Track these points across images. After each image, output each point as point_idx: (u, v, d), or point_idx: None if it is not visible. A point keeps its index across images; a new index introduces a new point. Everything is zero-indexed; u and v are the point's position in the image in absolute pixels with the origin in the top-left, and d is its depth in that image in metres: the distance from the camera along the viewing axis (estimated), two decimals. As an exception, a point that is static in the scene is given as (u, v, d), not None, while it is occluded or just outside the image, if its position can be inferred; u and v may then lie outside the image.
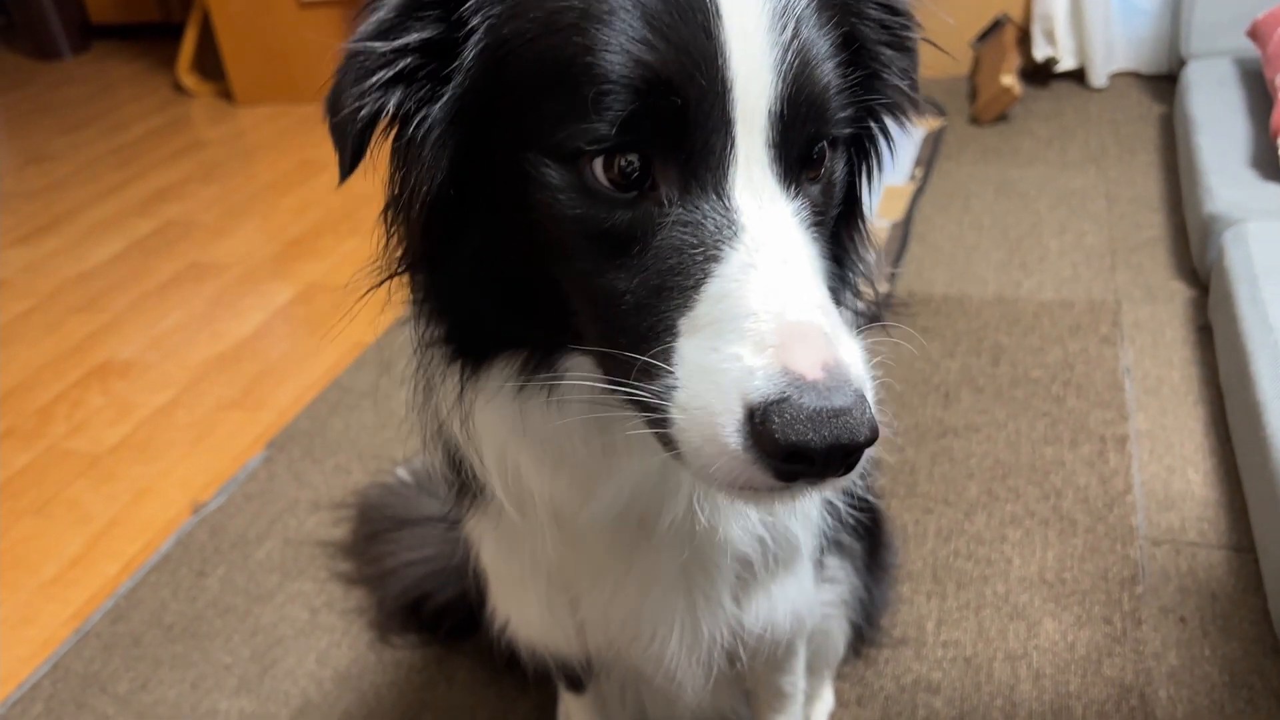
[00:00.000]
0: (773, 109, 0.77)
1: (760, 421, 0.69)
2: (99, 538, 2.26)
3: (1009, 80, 3.74)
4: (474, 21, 0.81)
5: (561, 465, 0.98)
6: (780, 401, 0.69)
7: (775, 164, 0.78)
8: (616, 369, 0.80)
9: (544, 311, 0.86)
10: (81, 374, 2.89)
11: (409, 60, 0.82)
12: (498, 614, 1.31)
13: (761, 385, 0.70)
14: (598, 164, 0.77)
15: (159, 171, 4.31)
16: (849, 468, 0.73)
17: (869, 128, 0.95)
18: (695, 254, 0.75)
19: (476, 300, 0.89)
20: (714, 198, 0.76)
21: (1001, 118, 3.84)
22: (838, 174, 0.88)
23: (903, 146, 1.00)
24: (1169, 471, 2.10)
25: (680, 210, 0.77)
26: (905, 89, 0.96)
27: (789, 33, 0.77)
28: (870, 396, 0.73)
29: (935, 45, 1.03)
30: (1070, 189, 3.30)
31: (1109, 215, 3.12)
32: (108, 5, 6.19)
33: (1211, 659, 1.70)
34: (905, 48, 0.96)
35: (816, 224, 0.83)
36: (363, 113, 0.82)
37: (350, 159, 0.86)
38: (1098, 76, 4.00)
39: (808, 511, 1.16)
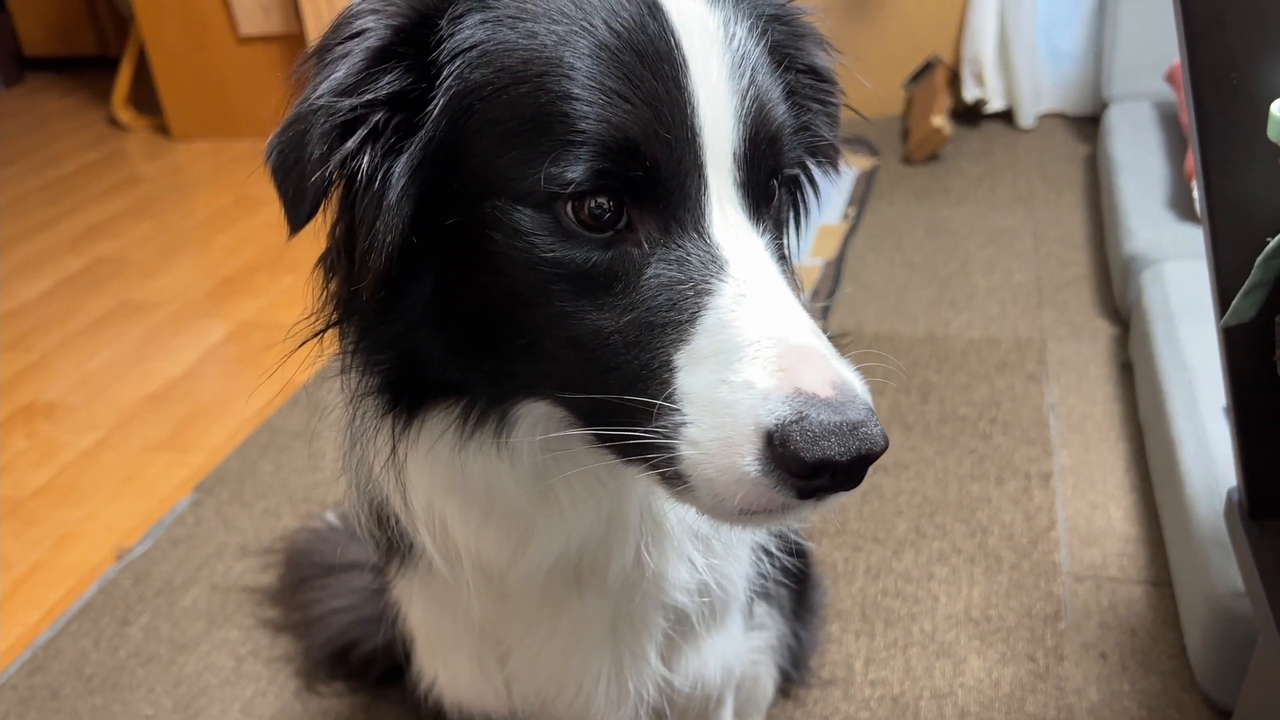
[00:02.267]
0: (737, 150, 0.82)
1: (780, 443, 0.72)
2: (18, 585, 2.21)
3: (939, 121, 3.82)
4: (445, 70, 0.82)
5: (489, 518, 0.97)
6: (799, 421, 0.72)
7: (744, 200, 0.83)
8: (600, 413, 0.81)
9: (498, 358, 0.87)
10: (5, 415, 2.84)
11: (378, 115, 0.82)
12: (424, 673, 1.31)
13: (777, 409, 0.73)
14: (568, 207, 0.79)
15: (92, 207, 4.25)
16: (861, 479, 0.76)
17: (797, 174, 1.00)
18: (685, 289, 0.78)
19: (420, 348, 0.89)
20: (695, 235, 0.80)
21: (933, 157, 3.92)
22: (784, 211, 0.94)
23: (836, 186, 1.05)
24: (1091, 507, 2.14)
25: (663, 249, 0.80)
26: (830, 140, 1.01)
27: (746, 80, 0.82)
28: (871, 402, 0.76)
29: (857, 112, 1.08)
30: (999, 228, 3.37)
31: (1036, 254, 3.19)
32: (41, 37, 6.11)
33: (1131, 694, 1.74)
34: (829, 107, 1.01)
35: (779, 256, 0.87)
36: (328, 171, 0.81)
37: (307, 214, 0.85)
38: (1025, 117, 4.10)
39: (739, 556, 1.17)
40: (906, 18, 4.23)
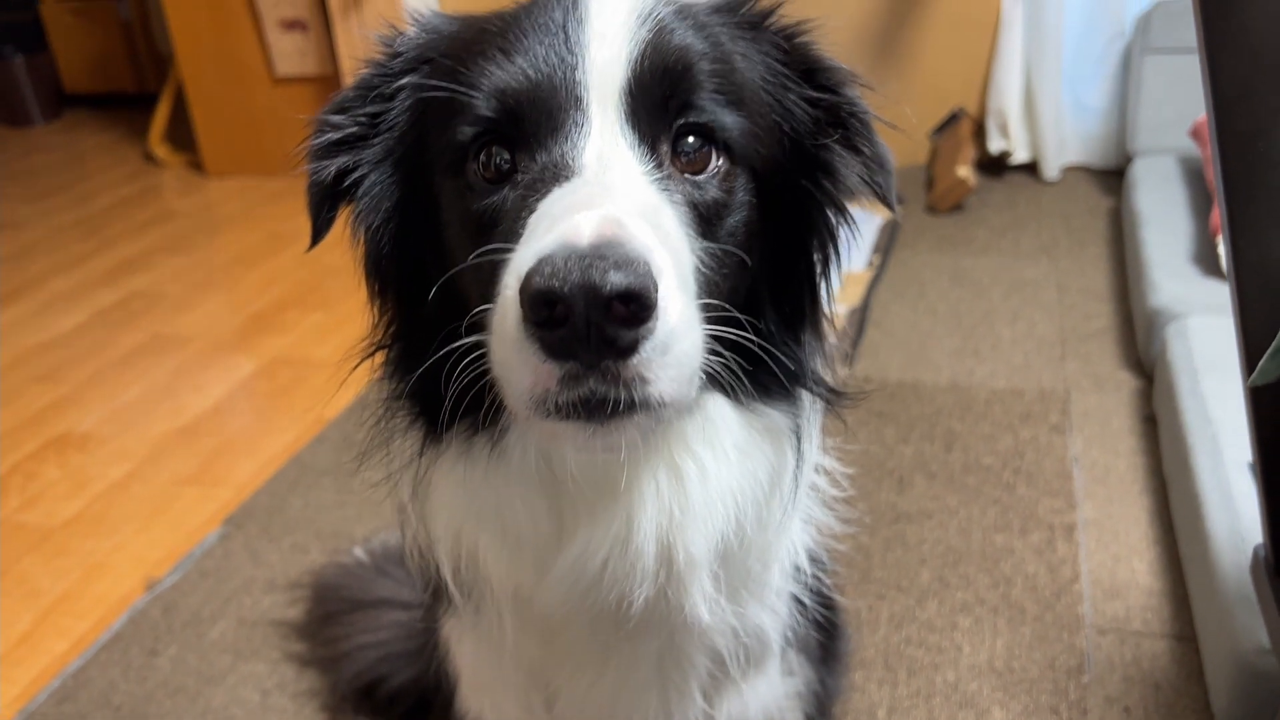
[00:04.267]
0: (625, 88, 0.86)
1: (523, 288, 0.71)
2: (48, 614, 2.24)
3: (964, 172, 3.85)
4: (400, 82, 0.96)
5: (509, 543, 0.99)
6: (542, 261, 0.70)
7: (629, 133, 0.86)
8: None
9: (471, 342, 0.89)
10: (38, 445, 2.88)
11: (354, 129, 0.96)
12: (469, 712, 1.31)
13: (530, 257, 0.72)
14: (477, 165, 0.88)
15: (126, 242, 4.33)
16: (620, 344, 0.71)
17: (823, 210, 1.01)
18: (531, 199, 0.83)
19: (436, 346, 0.92)
20: (559, 159, 0.84)
21: (957, 207, 3.95)
22: (738, 191, 0.92)
23: (861, 234, 1.06)
24: (1115, 560, 2.14)
25: (528, 176, 0.85)
26: (860, 170, 1.02)
27: (646, 30, 0.88)
28: (656, 270, 0.72)
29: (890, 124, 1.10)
30: (1023, 279, 3.39)
31: (1060, 305, 3.20)
32: (82, 74, 6.25)
33: (1155, 750, 1.73)
34: (856, 148, 1.02)
35: (701, 220, 0.88)
36: (318, 175, 0.95)
37: (314, 220, 0.98)
38: (1050, 169, 4.13)
39: (775, 606, 1.18)
40: (932, 69, 4.28)
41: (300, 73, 4.68)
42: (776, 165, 0.95)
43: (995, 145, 4.17)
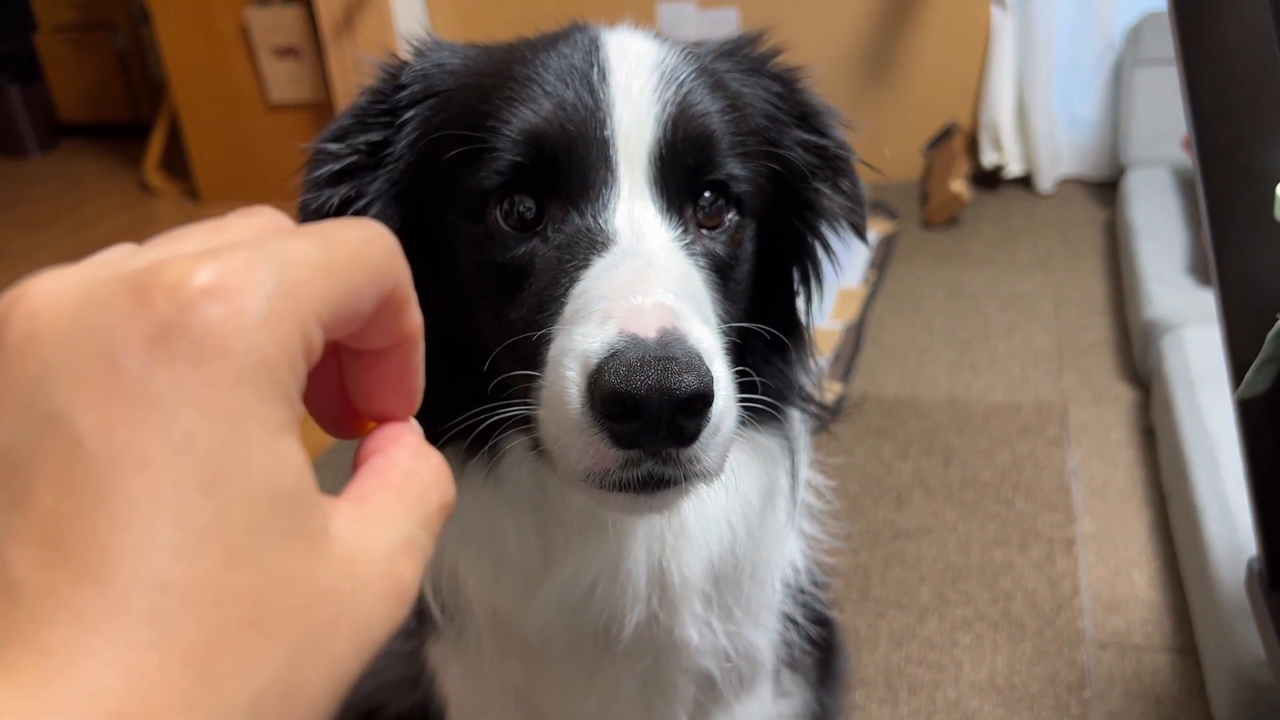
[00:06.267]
0: (653, 151, 0.87)
1: (594, 380, 0.73)
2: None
3: (958, 186, 3.86)
4: (407, 114, 0.94)
5: (495, 564, 0.98)
6: (613, 356, 0.72)
7: (657, 197, 0.87)
8: (511, 398, 0.85)
9: (472, 376, 0.90)
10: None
11: (355, 158, 0.95)
12: None
13: (598, 348, 0.74)
14: (498, 212, 0.87)
15: (122, 270, 4.33)
16: (685, 434, 0.74)
17: (806, 240, 1.03)
18: (569, 266, 0.83)
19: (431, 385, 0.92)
20: (592, 222, 0.85)
21: (952, 222, 3.96)
22: (746, 241, 0.94)
23: (853, 252, 1.08)
24: (1114, 574, 2.13)
25: (560, 236, 0.85)
26: (842, 206, 1.04)
27: (671, 93, 0.89)
28: (711, 363, 0.75)
29: (874, 168, 1.13)
30: (1019, 292, 3.39)
31: (1056, 318, 3.20)
32: (77, 104, 6.27)
33: (1158, 765, 1.72)
34: (838, 176, 1.04)
35: (717, 274, 0.90)
36: (315, 205, 0.93)
37: None
38: (1044, 182, 4.13)
39: (768, 625, 1.17)
40: (925, 84, 4.29)
41: (294, 99, 4.69)
42: (772, 207, 0.97)
43: (989, 159, 4.17)
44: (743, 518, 1.01)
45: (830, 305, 3.35)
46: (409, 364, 0.48)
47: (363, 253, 0.42)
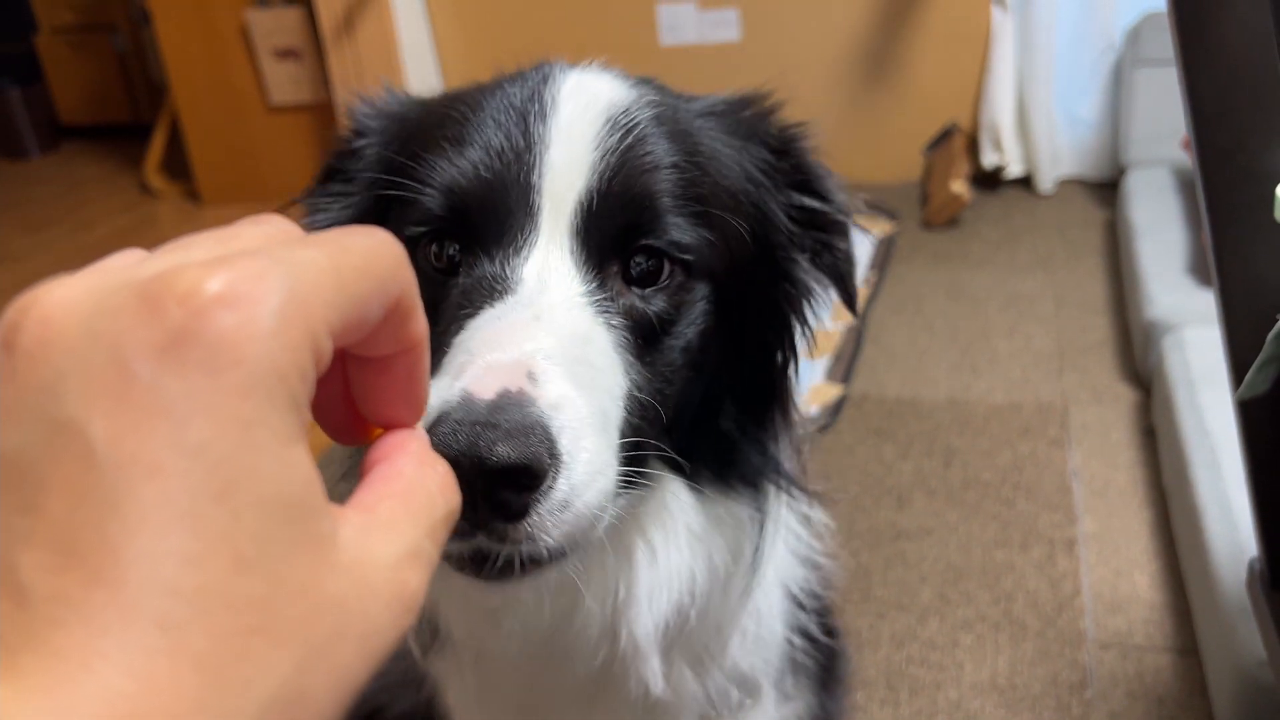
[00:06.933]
0: (581, 201, 0.82)
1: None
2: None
3: (959, 186, 3.86)
4: (363, 146, 0.95)
5: (468, 594, 0.94)
6: (440, 419, 0.66)
7: (580, 248, 0.82)
8: None
9: None
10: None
11: (345, 210, 0.96)
12: None
13: (437, 406, 0.68)
14: (430, 252, 0.85)
15: (123, 272, 4.33)
16: (509, 509, 0.67)
17: (782, 311, 0.98)
18: (462, 313, 0.79)
19: None
20: (499, 269, 0.80)
21: (952, 222, 3.96)
22: (694, 303, 0.88)
23: (858, 249, 1.04)
24: (1116, 575, 2.13)
25: (467, 280, 0.82)
26: (831, 271, 1.00)
27: (616, 137, 0.84)
28: (556, 434, 0.69)
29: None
30: (1019, 292, 3.39)
31: (1056, 318, 3.20)
32: (77, 106, 6.27)
33: (1159, 765, 1.72)
34: (834, 240, 0.99)
35: (640, 337, 0.84)
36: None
37: None
38: (1044, 183, 4.13)
39: (766, 654, 1.16)
40: (925, 85, 4.29)
41: (295, 101, 4.70)
42: (741, 271, 0.91)
43: (989, 159, 4.18)
44: (704, 581, 0.96)
45: (831, 307, 3.34)
46: (415, 371, 0.48)
47: (370, 260, 0.42)
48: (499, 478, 0.65)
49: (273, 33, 4.56)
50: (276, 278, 0.37)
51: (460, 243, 0.84)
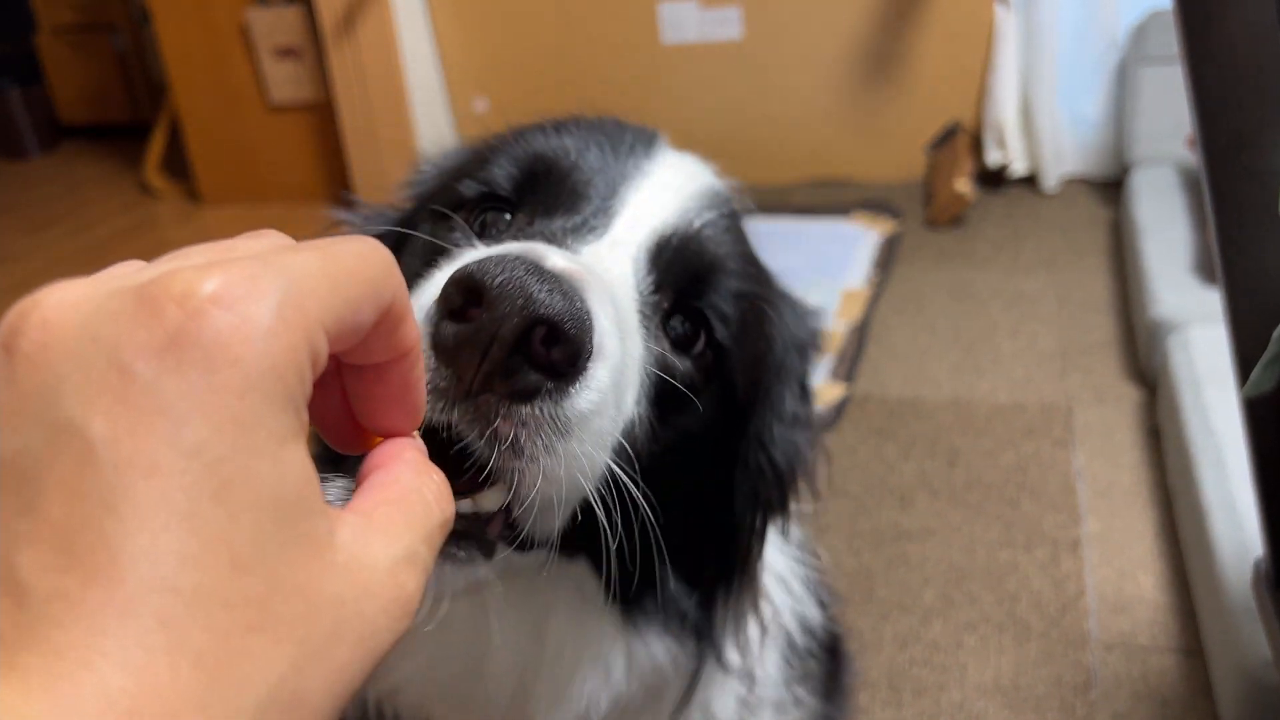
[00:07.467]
0: (662, 233, 0.79)
1: (445, 282, 0.59)
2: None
3: (962, 185, 3.85)
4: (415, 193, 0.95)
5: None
6: (491, 254, 0.58)
7: (643, 267, 0.77)
8: None
9: None
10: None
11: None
12: None
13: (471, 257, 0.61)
14: (466, 216, 0.82)
15: (124, 272, 4.32)
16: (524, 379, 0.58)
17: (755, 481, 0.92)
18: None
19: None
20: (557, 233, 0.76)
21: (956, 221, 3.94)
22: (706, 400, 0.81)
23: (862, 248, 1.03)
24: (1120, 575, 2.12)
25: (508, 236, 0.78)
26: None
27: (708, 209, 0.83)
28: (598, 314, 0.61)
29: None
30: (1023, 292, 3.38)
31: (1060, 318, 3.19)
32: (77, 105, 6.27)
33: (1164, 768, 1.71)
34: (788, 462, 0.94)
35: (651, 391, 0.76)
36: None
37: None
38: (1048, 181, 4.12)
39: (765, 695, 1.14)
40: (928, 83, 4.28)
41: (295, 100, 4.69)
42: (742, 408, 0.87)
43: (993, 158, 4.16)
44: (612, 696, 0.88)
45: (834, 305, 3.34)
46: (410, 378, 0.49)
47: (361, 265, 0.43)
48: (531, 335, 0.57)
49: (273, 31, 4.56)
50: (271, 279, 0.38)
51: (514, 211, 0.81)
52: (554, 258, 0.61)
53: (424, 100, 4.50)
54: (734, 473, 0.89)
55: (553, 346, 0.57)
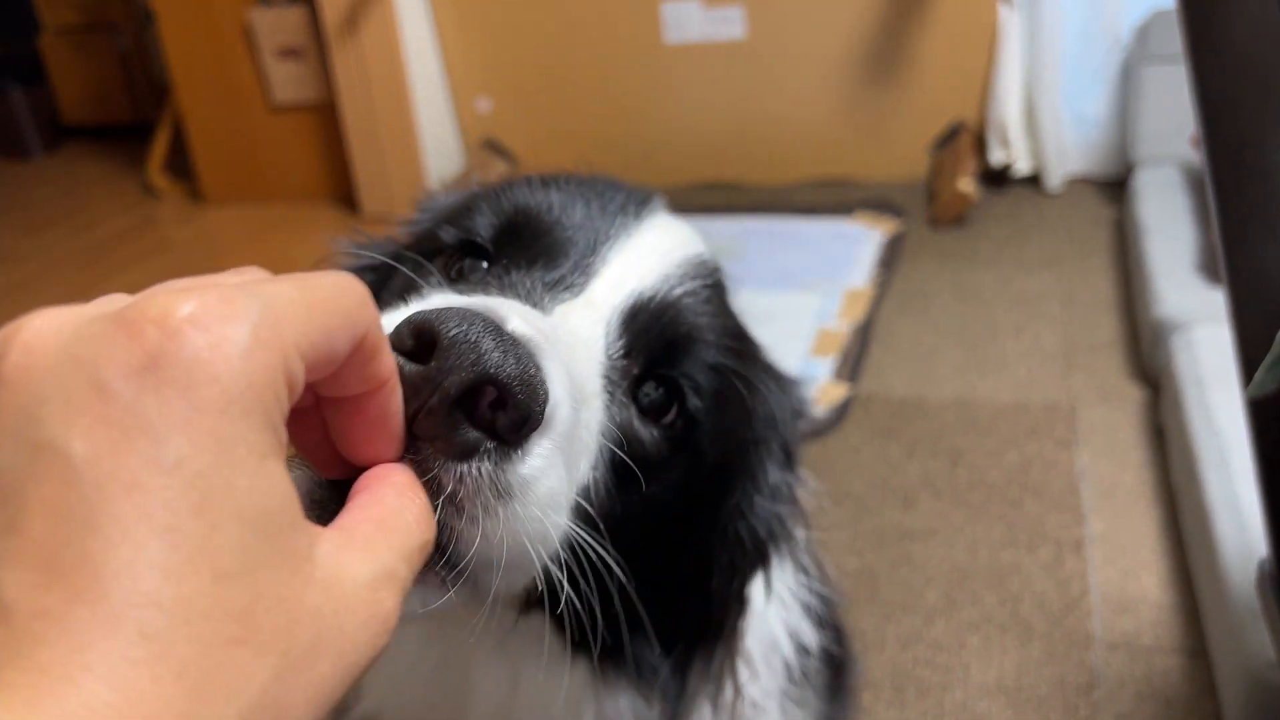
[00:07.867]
0: (641, 296, 0.77)
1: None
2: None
3: (965, 185, 3.84)
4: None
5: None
6: (450, 306, 0.56)
7: (615, 330, 0.75)
8: None
9: None
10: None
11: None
12: None
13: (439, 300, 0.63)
14: (442, 263, 0.82)
15: (126, 272, 4.33)
16: (458, 439, 0.55)
17: (732, 549, 0.90)
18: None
19: None
20: (531, 288, 0.75)
21: (959, 221, 3.94)
22: (675, 468, 0.80)
23: (865, 248, 1.03)
24: (1124, 575, 2.12)
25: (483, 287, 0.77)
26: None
27: (693, 276, 0.82)
28: (551, 381, 0.59)
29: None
30: (1026, 291, 3.37)
31: (1064, 318, 3.18)
32: (80, 105, 6.26)
33: (1168, 769, 1.70)
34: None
35: (613, 460, 0.74)
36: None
37: None
38: (1052, 181, 4.11)
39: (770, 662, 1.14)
40: (931, 83, 4.27)
41: (297, 100, 4.69)
42: (716, 479, 0.86)
43: (996, 157, 4.15)
44: None
45: (837, 305, 3.33)
46: (388, 409, 0.50)
47: (336, 296, 0.44)
48: (477, 394, 0.55)
49: (275, 32, 4.55)
50: (247, 302, 0.39)
51: (491, 261, 0.80)
52: (516, 320, 0.59)
53: (427, 100, 4.50)
54: (712, 541, 0.88)
55: (499, 411, 0.56)
